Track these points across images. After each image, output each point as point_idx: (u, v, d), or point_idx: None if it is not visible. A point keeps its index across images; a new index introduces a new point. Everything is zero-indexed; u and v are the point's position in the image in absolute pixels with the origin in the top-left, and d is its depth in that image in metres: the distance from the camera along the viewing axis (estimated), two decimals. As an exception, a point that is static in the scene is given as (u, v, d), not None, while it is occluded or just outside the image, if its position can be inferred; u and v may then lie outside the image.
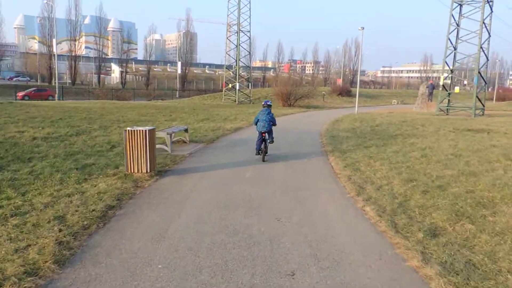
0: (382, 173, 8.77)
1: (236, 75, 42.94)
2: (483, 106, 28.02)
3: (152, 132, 8.36)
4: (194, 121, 20.08)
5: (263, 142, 10.55)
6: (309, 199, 6.87)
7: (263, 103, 11.24)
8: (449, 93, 29.66)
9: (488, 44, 27.29)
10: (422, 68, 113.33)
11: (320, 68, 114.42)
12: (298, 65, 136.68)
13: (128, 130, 8.15)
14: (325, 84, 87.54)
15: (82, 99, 45.05)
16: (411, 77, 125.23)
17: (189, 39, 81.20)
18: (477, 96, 26.94)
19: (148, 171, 8.25)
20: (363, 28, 29.19)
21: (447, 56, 28.44)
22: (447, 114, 29.23)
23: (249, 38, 42.61)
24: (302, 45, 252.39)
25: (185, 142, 13.26)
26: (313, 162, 10.44)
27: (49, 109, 22.18)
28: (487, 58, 27.46)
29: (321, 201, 6.75)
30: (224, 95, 44.67)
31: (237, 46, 42.38)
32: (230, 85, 43.69)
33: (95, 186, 7.18)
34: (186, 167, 9.39)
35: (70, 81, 69.46)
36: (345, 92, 50.96)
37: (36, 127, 14.29)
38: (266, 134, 10.59)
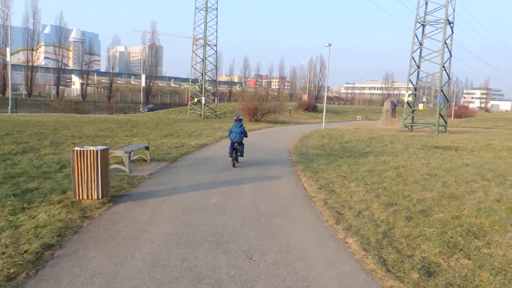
0: (359, 196, 8.14)
1: (202, 89, 42.01)
2: (446, 123, 28.54)
3: (104, 152, 7.33)
4: (156, 137, 18.95)
5: (234, 150, 11.97)
6: (283, 229, 6.07)
7: (235, 118, 12.78)
8: (413, 110, 30.07)
9: (450, 63, 28.02)
10: (383, 86, 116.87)
11: (286, 84, 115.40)
12: (264, 80, 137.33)
13: (76, 150, 7.09)
14: (291, 99, 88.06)
15: (38, 111, 42.55)
16: (373, 93, 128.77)
17: (154, 51, 79.44)
18: (440, 113, 27.40)
19: (100, 197, 7.19)
20: (330, 45, 29.24)
21: (411, 74, 28.87)
22: (411, 131, 29.58)
23: (216, 52, 41.96)
24: (268, 61, 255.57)
25: (146, 161, 12.20)
26: (285, 183, 9.69)
27: (-3, 123, 20.36)
28: (448, 76, 28.11)
29: (298, 232, 5.97)
30: (189, 109, 43.55)
31: (203, 59, 41.57)
32: (195, 99, 42.67)
33: (33, 218, 6.06)
34: (144, 191, 8.38)
35: (26, 93, 65.89)
36: (311, 108, 51.16)
37: (-24, 144, 12.77)
38: (237, 144, 12.00)
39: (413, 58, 28.70)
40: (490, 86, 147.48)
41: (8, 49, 42.46)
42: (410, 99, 32.22)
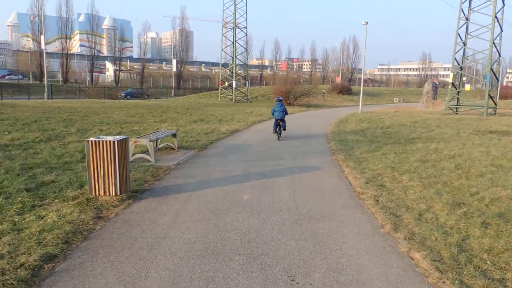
0: (416, 193, 6.92)
1: (232, 73, 40.98)
2: (495, 104, 26.23)
3: (123, 143, 6.45)
4: (186, 123, 18.16)
5: (278, 126, 14.07)
6: (331, 238, 4.99)
7: (276, 99, 15.01)
8: (458, 91, 27.85)
9: (500, 39, 25.49)
10: (420, 66, 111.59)
11: (318, 66, 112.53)
12: (295, 63, 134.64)
13: (91, 141, 6.24)
14: (323, 82, 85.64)
15: (73, 98, 42.98)
16: (409, 75, 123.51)
17: (185, 36, 78.82)
18: (489, 94, 25.14)
19: (118, 193, 6.34)
20: (366, 23, 27.33)
21: (457, 52, 26.60)
22: (456, 113, 27.46)
23: (246, 34, 40.67)
24: (299, 43, 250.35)
25: (173, 149, 11.37)
26: (326, 175, 8.56)
27: (28, 110, 20.22)
28: (499, 54, 25.68)
29: (349, 242, 4.87)
30: (220, 94, 42.72)
31: (233, 43, 40.42)
32: (226, 83, 41.75)
33: (41, 219, 5.28)
34: (169, 185, 7.49)
35: (62, 79, 67.22)
36: (346, 90, 49.11)
37: (0, 131, 12.34)
38: (280, 121, 14.07)
39: (458, 34, 26.36)
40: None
41: (42, 37, 42.88)
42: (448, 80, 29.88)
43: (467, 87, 29.77)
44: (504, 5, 25.34)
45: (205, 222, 5.45)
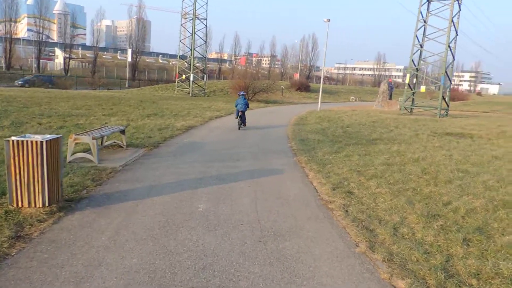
0: (386, 201, 6.39)
1: (190, 65, 39.56)
2: (448, 106, 26.92)
3: (55, 143, 5.38)
4: (138, 117, 16.89)
5: (240, 118, 15.48)
6: (301, 262, 4.26)
7: (238, 93, 16.79)
8: (413, 92, 28.35)
9: (455, 43, 26.13)
10: (375, 66, 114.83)
11: (276, 62, 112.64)
12: (254, 59, 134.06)
13: (13, 140, 5.12)
14: (282, 78, 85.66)
15: (16, 86, 39.72)
16: (364, 74, 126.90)
17: (141, 26, 75.77)
18: (442, 96, 25.72)
19: (47, 204, 5.28)
20: (328, 20, 27.07)
21: (414, 53, 27.00)
22: (411, 114, 27.95)
23: (205, 26, 39.34)
24: (259, 39, 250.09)
25: (121, 147, 10.24)
26: (289, 179, 7.87)
27: (-42, 98, 18.03)
28: (453, 57, 26.33)
29: (322, 267, 4.17)
30: (177, 87, 41.17)
31: (192, 34, 38.98)
32: (183, 76, 40.27)
33: None
34: (113, 191, 6.48)
35: (5, 65, 62.34)
36: (304, 87, 49.10)
37: None
38: (242, 113, 15.52)
39: (416, 36, 26.76)
40: (480, 70, 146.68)
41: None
42: (405, 80, 30.45)
43: (422, 88, 30.47)
44: (460, 10, 25.97)
45: (152, 242, 4.54)
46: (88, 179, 6.95)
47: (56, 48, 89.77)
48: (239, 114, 15.51)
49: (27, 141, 5.07)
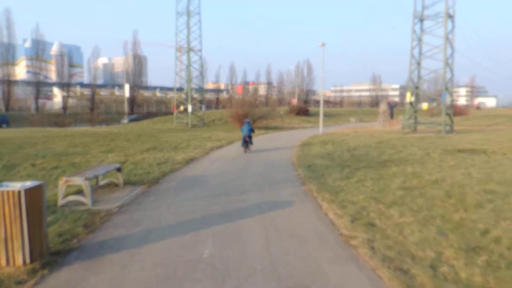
0: (414, 233, 5.65)
1: (187, 96, 39.33)
2: (452, 122, 26.38)
3: (37, 191, 4.70)
4: (136, 152, 16.26)
5: (246, 142, 16.93)
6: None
7: (245, 120, 18.85)
8: (415, 110, 27.87)
9: (453, 59, 25.86)
10: (371, 87, 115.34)
11: (273, 89, 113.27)
12: (251, 87, 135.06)
13: (-14, 190, 4.44)
14: (279, 104, 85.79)
15: (18, 127, 39.40)
16: (361, 95, 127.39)
17: (137, 61, 76.48)
18: (446, 112, 25.20)
19: (29, 261, 4.55)
20: (323, 44, 26.91)
21: (412, 72, 26.68)
22: (414, 132, 27.37)
23: (200, 58, 39.39)
24: (254, 67, 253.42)
25: (118, 186, 9.55)
26: (301, 212, 7.14)
27: (-50, 143, 17.46)
28: (451, 73, 25.99)
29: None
30: (176, 118, 40.81)
31: (187, 66, 38.94)
32: (182, 108, 39.97)
33: None
34: (107, 238, 5.75)
35: (4, 107, 62.33)
36: (303, 112, 48.76)
37: None
38: (248, 138, 17.01)
39: (413, 55, 26.53)
40: (475, 84, 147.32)
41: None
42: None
43: (424, 106, 30.10)
44: (454, 26, 25.84)
45: (150, 305, 3.79)
46: (79, 225, 6.23)
47: (54, 88, 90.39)
48: (245, 139, 17.08)
49: (2, 191, 4.39)
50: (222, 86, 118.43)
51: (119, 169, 9.56)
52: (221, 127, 37.56)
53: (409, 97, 26.68)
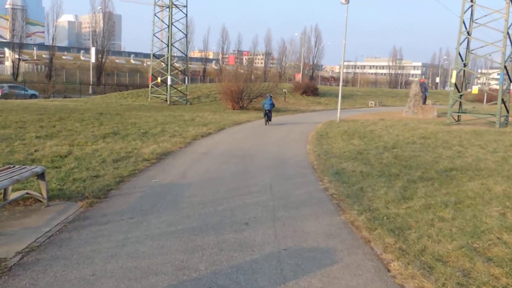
0: None
1: (167, 65, 36.34)
2: (508, 112, 23.89)
3: None
4: (89, 139, 13.56)
5: (266, 115, 21.84)
6: None
7: (267, 95, 23.97)
8: (461, 95, 25.32)
9: (512, 30, 23.19)
10: (390, 64, 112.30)
11: (272, 61, 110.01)
12: (245, 57, 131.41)
13: None
14: (280, 80, 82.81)
15: None
16: (377, 73, 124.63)
17: (107, 19, 72.62)
18: (502, 99, 22.68)
19: None
20: (348, 1, 24.02)
21: (461, 43, 24.02)
22: (458, 122, 24.91)
23: (186, 15, 36.25)
24: (251, 33, 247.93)
25: (40, 201, 6.87)
26: (354, 276, 4.56)
27: None
28: (512, 48, 23.38)
29: None
30: (151, 93, 37.89)
31: (169, 25, 35.84)
32: (159, 79, 37.01)
33: None
34: None
35: None
36: (311, 91, 45.99)
37: None
38: (268, 111, 21.84)
39: (463, 22, 23.81)
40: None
41: None
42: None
43: (475, 89, 27.56)
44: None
45: None
46: None
47: (6, 49, 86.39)
48: (266, 112, 21.54)
49: None
50: (211, 55, 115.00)
51: (41, 175, 6.84)
52: (208, 106, 34.80)
53: (454, 78, 24.03)
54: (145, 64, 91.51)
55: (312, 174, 10.12)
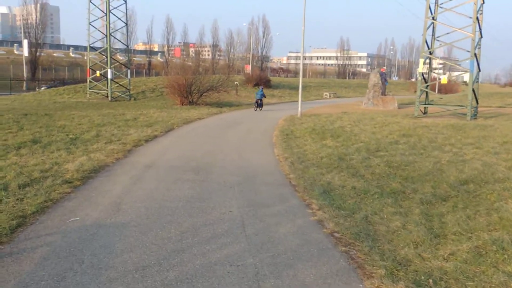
0: None
1: (107, 56, 32.67)
2: (477, 103, 22.51)
3: None
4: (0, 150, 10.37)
5: (257, 103, 27.13)
6: None
7: (259, 87, 29.71)
8: (427, 86, 23.73)
9: (481, 14, 21.77)
10: (338, 55, 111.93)
11: (219, 53, 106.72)
12: (191, 49, 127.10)
13: None
14: (229, 72, 79.91)
15: None
16: (326, 64, 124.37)
17: (41, 9, 66.77)
18: (473, 90, 21.18)
19: None
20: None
21: (427, 29, 22.31)
22: (425, 115, 23.34)
23: (125, 1, 32.66)
24: (197, 24, 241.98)
25: None
26: None
27: None
28: (481, 34, 21.93)
29: None
30: (89, 88, 34.06)
31: (106, 13, 32.13)
32: (98, 73, 33.25)
33: None
34: None
35: None
36: (263, 83, 43.56)
37: None
38: (259, 100, 27.21)
39: (429, 7, 22.09)
40: (451, 56, 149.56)
41: None
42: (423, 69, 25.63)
43: (444, 78, 26.20)
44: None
45: None
46: None
47: None
48: (257, 101, 26.27)
49: None
50: (156, 48, 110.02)
51: None
52: (154, 102, 31.57)
53: (421, 67, 22.33)
54: (85, 58, 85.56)
55: (293, 195, 7.60)
